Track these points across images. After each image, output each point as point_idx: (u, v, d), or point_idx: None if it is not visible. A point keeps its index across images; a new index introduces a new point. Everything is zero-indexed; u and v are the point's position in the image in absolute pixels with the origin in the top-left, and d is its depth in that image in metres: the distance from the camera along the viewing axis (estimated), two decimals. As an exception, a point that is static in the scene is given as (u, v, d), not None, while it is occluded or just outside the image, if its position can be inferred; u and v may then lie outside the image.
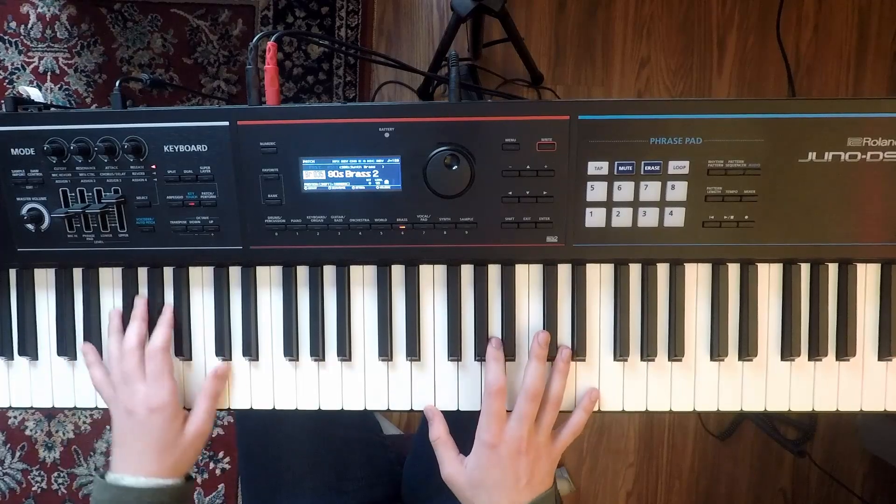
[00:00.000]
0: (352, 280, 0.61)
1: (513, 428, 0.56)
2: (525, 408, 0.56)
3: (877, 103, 0.54)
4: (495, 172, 0.56)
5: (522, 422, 0.56)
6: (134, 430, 0.58)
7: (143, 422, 0.58)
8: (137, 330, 0.60)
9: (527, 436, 0.56)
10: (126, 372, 0.59)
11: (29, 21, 1.32)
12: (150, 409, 0.58)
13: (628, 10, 1.33)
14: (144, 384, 0.59)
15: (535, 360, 0.58)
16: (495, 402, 0.57)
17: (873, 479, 1.39)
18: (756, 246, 0.57)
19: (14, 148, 0.57)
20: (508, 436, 0.56)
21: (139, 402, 0.58)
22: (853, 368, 0.60)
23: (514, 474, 0.56)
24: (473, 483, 0.57)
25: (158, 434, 0.58)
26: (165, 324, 0.61)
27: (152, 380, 0.59)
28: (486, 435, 0.56)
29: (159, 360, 0.59)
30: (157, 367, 0.59)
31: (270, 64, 0.56)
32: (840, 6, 1.33)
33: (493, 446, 0.56)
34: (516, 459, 0.56)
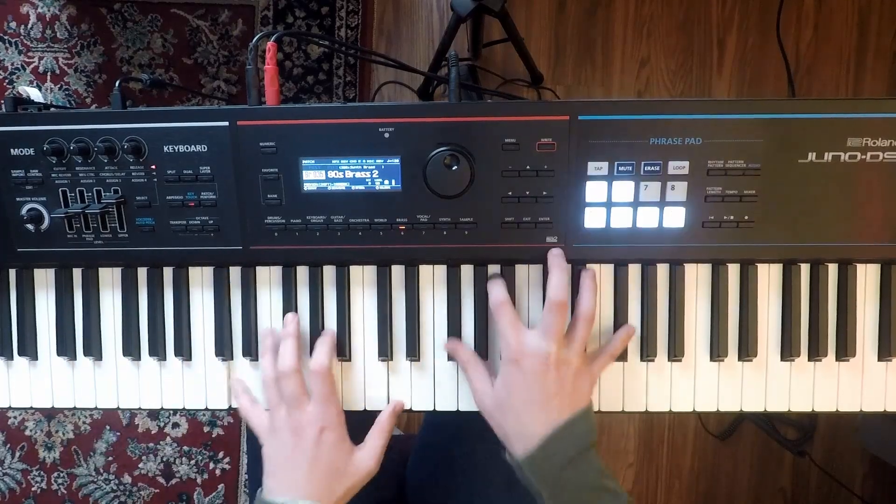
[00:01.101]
0: (352, 280, 0.61)
1: (537, 341, 0.52)
2: (551, 319, 0.52)
3: (877, 103, 0.54)
4: (495, 172, 0.56)
5: (548, 334, 0.52)
6: (303, 450, 0.54)
7: (314, 441, 0.54)
8: (294, 349, 0.57)
9: (555, 350, 0.52)
10: (290, 395, 0.55)
11: (29, 21, 1.32)
12: (322, 427, 0.55)
13: (628, 10, 1.33)
14: (311, 405, 0.56)
15: (555, 269, 0.54)
16: (503, 314, 0.54)
17: (873, 479, 1.39)
18: (756, 246, 0.57)
19: (14, 148, 0.57)
20: (532, 349, 0.52)
21: (309, 423, 0.55)
22: (853, 369, 0.60)
23: (543, 391, 0.51)
24: (500, 406, 0.53)
25: (331, 456, 0.55)
26: (329, 344, 0.58)
27: (321, 401, 0.56)
28: (506, 349, 0.53)
29: (328, 380, 0.56)
30: (326, 389, 0.56)
31: (270, 64, 0.56)
32: (840, 6, 1.33)
33: (516, 361, 0.52)
34: (543, 375, 0.51)
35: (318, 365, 0.56)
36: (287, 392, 0.56)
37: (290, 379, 0.56)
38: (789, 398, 0.60)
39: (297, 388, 0.56)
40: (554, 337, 0.52)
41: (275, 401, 0.57)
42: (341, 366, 0.61)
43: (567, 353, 0.53)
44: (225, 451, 1.40)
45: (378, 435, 0.58)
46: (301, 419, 0.55)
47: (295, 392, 0.56)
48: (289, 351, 0.57)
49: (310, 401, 0.56)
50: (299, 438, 0.55)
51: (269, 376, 0.57)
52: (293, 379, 0.56)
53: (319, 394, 0.56)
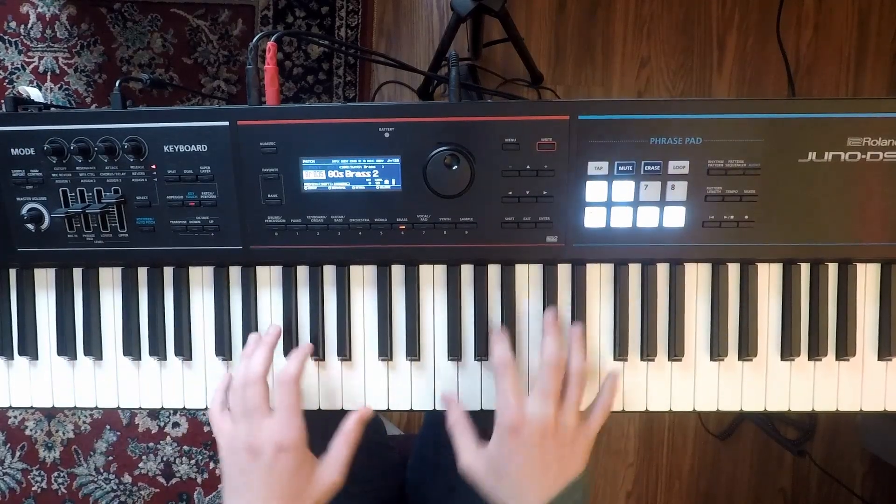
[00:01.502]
0: (352, 280, 0.61)
1: (536, 406, 0.50)
2: (548, 382, 0.51)
3: (877, 103, 0.54)
4: (495, 172, 0.56)
5: (546, 398, 0.51)
6: (258, 474, 0.51)
7: (270, 464, 0.51)
8: (265, 357, 0.54)
9: (553, 414, 0.50)
10: (251, 406, 0.52)
11: (29, 21, 1.32)
12: (279, 447, 0.51)
13: (628, 10, 1.33)
14: (272, 419, 0.52)
15: (550, 333, 0.54)
16: (506, 377, 0.52)
17: (873, 479, 1.39)
18: (756, 246, 0.57)
19: (14, 148, 0.57)
20: (532, 415, 0.50)
21: (266, 440, 0.51)
22: (853, 368, 0.60)
23: (542, 460, 0.50)
24: (496, 472, 0.51)
25: (287, 480, 0.51)
26: (302, 353, 0.55)
27: (283, 414, 0.52)
28: (506, 416, 0.51)
29: (293, 392, 0.52)
30: (289, 400, 0.52)
31: (270, 64, 0.56)
32: (840, 6, 1.33)
33: (516, 428, 0.50)
34: (542, 443, 0.50)
35: (285, 373, 0.53)
36: (248, 403, 0.52)
37: (254, 387, 0.52)
38: (789, 398, 0.60)
39: (260, 398, 0.52)
40: (552, 399, 0.51)
41: (238, 411, 0.53)
42: (341, 365, 0.61)
43: (564, 417, 0.52)
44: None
45: (343, 445, 0.55)
46: (260, 437, 0.51)
47: (256, 401, 0.52)
48: (259, 358, 0.54)
49: (271, 414, 0.52)
50: (256, 458, 0.51)
51: (238, 382, 0.54)
52: (257, 388, 0.52)
53: (281, 405, 0.52)
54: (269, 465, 0.51)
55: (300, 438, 0.52)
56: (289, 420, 0.52)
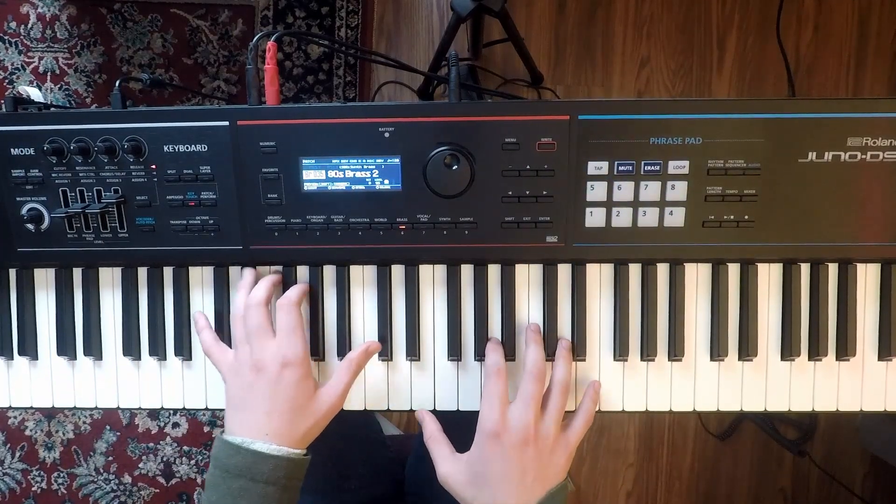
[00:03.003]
0: (352, 280, 0.61)
1: (517, 413, 0.51)
2: (530, 389, 0.52)
3: (877, 103, 0.54)
4: (495, 172, 0.56)
5: (528, 405, 0.52)
6: (262, 388, 0.53)
7: (275, 378, 0.53)
8: (267, 286, 0.57)
9: (533, 423, 0.51)
10: (254, 326, 0.54)
11: (29, 21, 1.32)
12: (284, 363, 0.53)
13: (628, 10, 1.33)
14: (275, 339, 0.54)
15: (532, 343, 0.56)
16: (496, 383, 0.53)
17: (873, 479, 1.39)
18: (756, 246, 0.57)
19: (14, 148, 0.57)
20: (513, 422, 0.51)
21: (270, 357, 0.53)
22: (853, 368, 0.60)
23: (521, 467, 0.50)
24: (474, 479, 0.52)
25: (292, 393, 0.53)
26: (301, 287, 0.58)
27: (285, 334, 0.54)
28: (488, 421, 0.51)
29: (294, 314, 0.55)
30: (291, 321, 0.55)
31: (270, 64, 0.56)
32: (840, 6, 1.33)
33: (496, 435, 0.51)
34: (522, 450, 0.50)
35: (285, 298, 0.56)
36: (251, 323, 0.54)
37: (256, 310, 0.55)
38: (789, 398, 0.60)
39: (263, 319, 0.55)
40: (533, 406, 0.52)
41: (240, 335, 0.55)
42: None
43: (545, 425, 0.52)
44: (225, 451, 1.40)
45: (345, 370, 0.56)
46: (263, 355, 0.54)
47: (259, 323, 0.54)
48: (262, 287, 0.56)
49: (274, 336, 0.55)
50: (260, 374, 0.53)
51: (238, 310, 0.56)
52: (259, 310, 0.55)
53: (284, 326, 0.55)
54: (274, 378, 0.53)
55: (304, 355, 0.55)
56: (292, 338, 0.54)
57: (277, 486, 0.51)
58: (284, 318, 0.55)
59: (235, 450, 0.51)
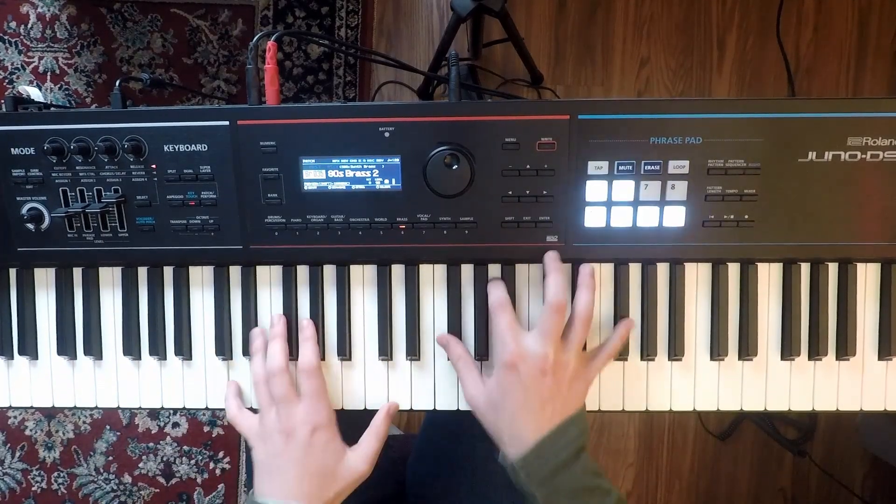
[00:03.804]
0: (352, 280, 0.61)
1: (534, 344, 0.51)
2: (548, 321, 0.52)
3: (877, 103, 0.54)
4: (495, 172, 0.56)
5: (545, 337, 0.51)
6: (293, 453, 0.54)
7: (305, 443, 0.54)
8: (282, 349, 0.57)
9: (552, 354, 0.51)
10: (280, 395, 0.55)
11: (29, 21, 1.32)
12: (314, 427, 0.54)
13: (628, 10, 1.33)
14: (302, 404, 0.55)
15: (553, 272, 0.54)
16: (501, 316, 0.53)
17: (873, 479, 1.39)
18: (756, 246, 0.57)
19: (14, 148, 0.57)
20: (529, 353, 0.51)
21: (300, 422, 0.54)
22: (853, 368, 0.60)
23: (539, 396, 0.51)
24: (495, 405, 0.53)
25: (322, 457, 0.54)
26: (311, 339, 0.58)
27: (311, 400, 0.55)
28: (501, 352, 0.52)
29: (317, 378, 0.56)
30: (316, 386, 0.56)
31: (270, 64, 0.56)
32: (840, 6, 1.33)
33: (512, 365, 0.51)
34: (540, 380, 0.51)
35: (306, 363, 0.57)
36: (277, 392, 0.56)
37: (279, 378, 0.56)
38: (789, 398, 0.60)
39: (287, 387, 0.56)
40: (552, 339, 0.52)
41: (265, 402, 0.57)
42: (341, 365, 0.61)
43: (564, 356, 0.52)
44: (225, 450, 1.40)
45: (373, 438, 0.58)
46: (292, 420, 0.55)
47: (285, 391, 0.56)
48: (278, 351, 0.57)
49: (300, 401, 0.56)
50: (290, 439, 0.54)
51: (259, 377, 0.58)
52: (283, 378, 0.56)
53: (310, 391, 0.56)
54: (304, 443, 0.54)
55: (331, 419, 0.56)
56: (319, 403, 0.56)
57: None
58: (309, 384, 0.56)
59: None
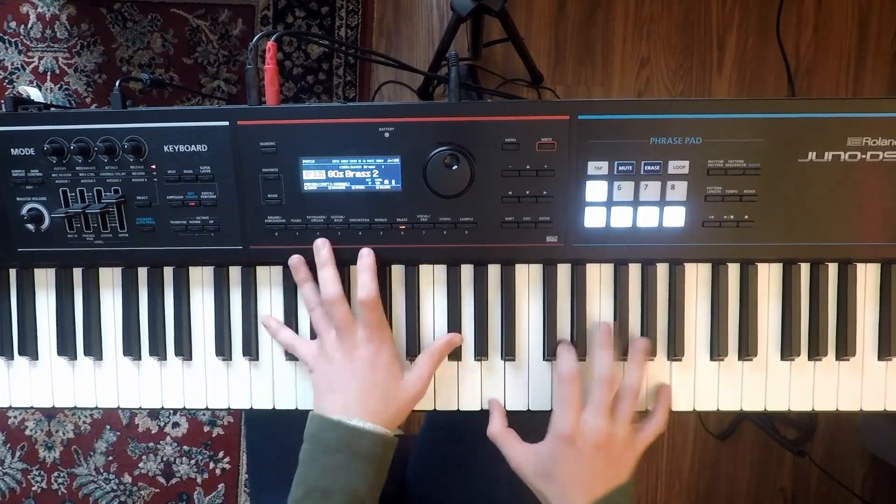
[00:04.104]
0: (352, 280, 0.61)
1: (590, 418, 0.53)
2: (600, 395, 0.54)
3: (877, 103, 0.54)
4: (495, 172, 0.56)
5: (599, 411, 0.53)
6: (357, 371, 0.55)
7: (367, 361, 0.55)
8: (335, 276, 0.56)
9: (606, 428, 0.53)
10: (340, 319, 0.56)
11: (29, 21, 1.32)
12: (377, 349, 0.56)
13: (628, 10, 1.33)
14: (361, 327, 0.56)
15: (603, 349, 0.56)
16: (569, 389, 0.54)
17: (873, 479, 1.39)
18: (756, 246, 0.57)
19: (14, 148, 0.57)
20: (587, 429, 0.53)
21: (362, 341, 0.56)
22: (853, 368, 0.60)
23: (592, 470, 0.53)
24: (546, 474, 0.54)
25: (383, 376, 0.56)
26: (372, 267, 0.57)
27: (374, 327, 0.56)
28: (562, 426, 0.53)
29: (379, 309, 0.56)
30: (377, 316, 0.56)
31: (270, 64, 0.56)
32: (840, 6, 1.33)
33: (570, 439, 0.53)
34: (595, 454, 0.53)
35: (367, 295, 0.55)
36: (337, 318, 0.56)
37: (338, 305, 0.56)
38: (789, 398, 0.60)
39: (347, 314, 0.56)
40: (605, 413, 0.54)
41: (323, 325, 0.57)
42: (341, 365, 0.61)
43: (616, 429, 0.54)
44: (225, 450, 1.40)
45: (428, 359, 0.58)
46: (354, 341, 0.56)
47: (346, 318, 0.56)
48: (329, 279, 0.56)
49: (359, 325, 0.56)
50: (354, 359, 0.55)
51: (314, 302, 0.58)
52: (341, 304, 0.56)
53: (370, 321, 0.56)
54: (367, 361, 0.55)
55: (392, 345, 0.57)
56: (381, 327, 0.56)
57: (373, 463, 0.53)
58: (369, 315, 0.56)
59: (335, 426, 0.53)
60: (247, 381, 0.62)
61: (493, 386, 0.61)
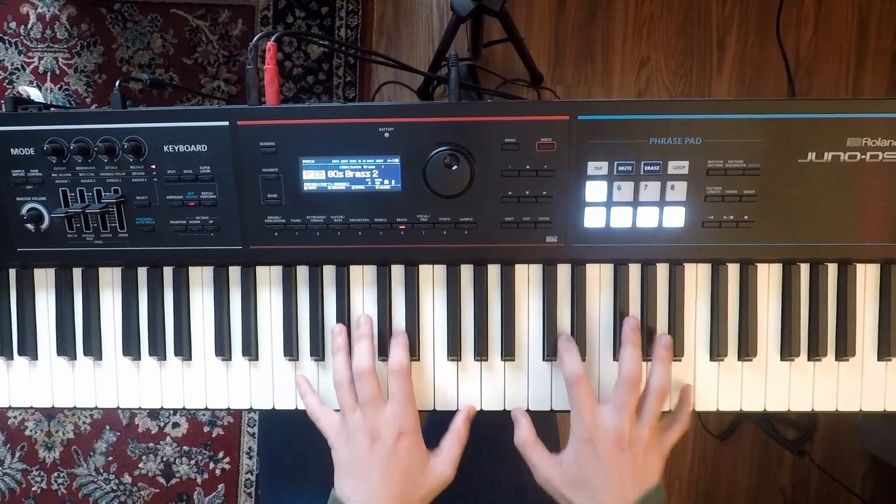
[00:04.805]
0: (352, 280, 0.61)
1: (610, 419, 0.52)
2: (623, 397, 0.52)
3: (877, 103, 0.54)
4: (495, 172, 0.56)
5: (621, 412, 0.52)
6: (378, 456, 0.53)
7: (391, 447, 0.53)
8: (369, 350, 0.57)
9: (628, 428, 0.52)
10: (367, 396, 0.55)
11: (29, 21, 1.32)
12: (401, 431, 0.54)
13: (628, 10, 1.33)
14: (387, 407, 0.55)
15: (629, 345, 0.55)
16: (578, 391, 0.53)
17: (873, 479, 1.39)
18: (756, 246, 0.57)
19: (14, 148, 0.57)
20: (606, 428, 0.52)
21: (386, 425, 0.54)
22: (853, 368, 0.60)
23: (618, 471, 0.51)
24: (573, 482, 0.53)
25: (407, 462, 0.54)
26: (404, 344, 0.57)
27: (399, 403, 0.55)
28: (578, 427, 0.53)
29: (407, 381, 0.55)
30: (405, 389, 0.55)
31: (270, 64, 0.56)
32: (840, 6, 1.33)
33: (590, 440, 0.52)
34: (618, 455, 0.51)
35: (399, 364, 0.56)
36: (364, 393, 0.55)
37: (367, 378, 0.55)
38: (789, 398, 0.60)
39: (375, 389, 0.55)
40: (627, 413, 0.52)
41: (349, 402, 0.56)
42: (341, 365, 0.61)
43: (640, 430, 0.53)
44: (225, 450, 1.40)
45: (455, 442, 0.57)
46: (377, 422, 0.54)
47: (373, 393, 0.55)
48: (365, 351, 0.56)
49: (387, 403, 0.55)
50: (375, 442, 0.54)
51: (344, 377, 0.56)
52: (370, 380, 0.55)
53: (399, 395, 0.55)
54: (390, 447, 0.53)
55: (417, 423, 0.55)
56: (406, 406, 0.55)
57: None
58: (399, 386, 0.55)
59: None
60: (246, 381, 0.62)
61: (493, 386, 0.61)
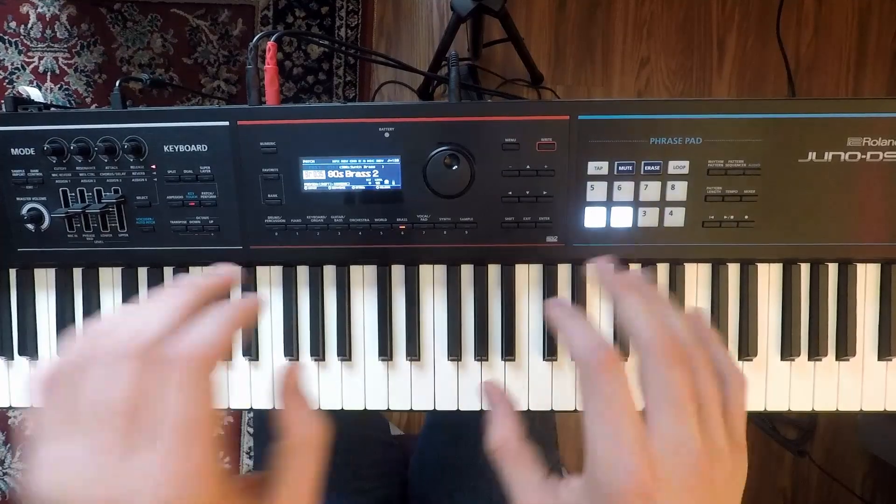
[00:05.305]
0: (352, 280, 0.61)
1: (674, 443, 0.31)
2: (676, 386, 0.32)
3: (877, 103, 0.54)
4: (495, 172, 0.56)
5: (680, 417, 0.31)
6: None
7: None
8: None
9: (698, 439, 0.32)
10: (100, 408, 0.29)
11: (29, 21, 1.32)
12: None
13: (628, 10, 1.34)
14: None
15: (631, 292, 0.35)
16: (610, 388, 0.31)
17: (873, 479, 1.39)
18: (756, 246, 0.57)
19: (14, 148, 0.57)
20: (669, 464, 0.30)
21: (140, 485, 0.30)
22: (853, 368, 0.60)
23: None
24: None
25: None
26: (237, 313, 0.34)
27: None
28: (621, 472, 0.29)
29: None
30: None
31: (270, 64, 0.56)
32: (840, 6, 1.33)
33: (645, 497, 0.29)
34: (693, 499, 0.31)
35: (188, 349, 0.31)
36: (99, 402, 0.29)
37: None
38: (789, 398, 0.60)
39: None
40: (689, 414, 0.34)
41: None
42: (341, 365, 0.61)
43: (711, 434, 0.36)
44: (225, 451, 1.40)
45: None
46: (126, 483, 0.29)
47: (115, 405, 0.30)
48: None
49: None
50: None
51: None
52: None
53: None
54: None
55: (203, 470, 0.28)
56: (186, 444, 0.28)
57: None
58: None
59: None
60: (247, 381, 0.62)
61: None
